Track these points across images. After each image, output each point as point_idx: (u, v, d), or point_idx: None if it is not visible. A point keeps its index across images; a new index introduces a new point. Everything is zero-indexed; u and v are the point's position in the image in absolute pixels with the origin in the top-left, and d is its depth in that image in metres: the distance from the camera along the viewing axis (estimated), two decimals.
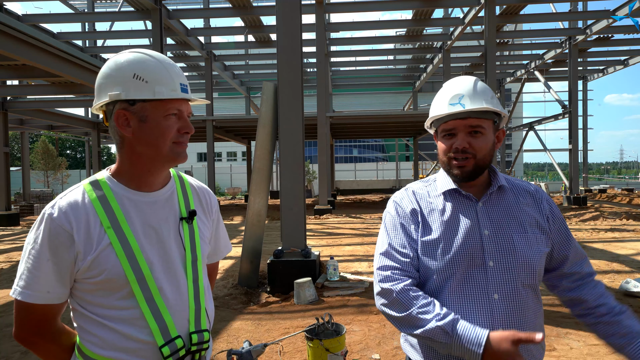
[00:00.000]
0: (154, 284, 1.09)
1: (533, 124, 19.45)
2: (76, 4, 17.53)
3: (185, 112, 1.14)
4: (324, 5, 13.16)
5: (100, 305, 1.07)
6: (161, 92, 1.08)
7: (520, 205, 1.27)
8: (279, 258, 5.13)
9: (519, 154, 22.45)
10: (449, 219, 1.25)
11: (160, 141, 1.10)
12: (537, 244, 1.23)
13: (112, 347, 1.07)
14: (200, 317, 1.16)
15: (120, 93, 1.07)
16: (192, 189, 1.28)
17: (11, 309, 4.77)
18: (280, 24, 5.36)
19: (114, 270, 1.05)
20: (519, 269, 1.20)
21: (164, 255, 1.13)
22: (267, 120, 5.54)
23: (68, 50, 7.46)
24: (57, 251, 1.04)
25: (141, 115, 1.09)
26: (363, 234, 9.77)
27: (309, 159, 31.70)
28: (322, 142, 13.73)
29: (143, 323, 1.07)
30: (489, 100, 1.23)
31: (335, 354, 2.68)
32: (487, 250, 1.21)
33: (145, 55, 1.12)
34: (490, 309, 1.18)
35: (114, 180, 1.13)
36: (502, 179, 1.30)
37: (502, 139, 1.30)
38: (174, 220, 1.17)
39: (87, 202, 1.08)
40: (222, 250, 1.41)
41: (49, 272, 1.04)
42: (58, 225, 1.04)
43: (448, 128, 1.24)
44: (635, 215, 12.09)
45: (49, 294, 1.05)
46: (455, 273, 1.22)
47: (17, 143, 33.78)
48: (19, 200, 18.62)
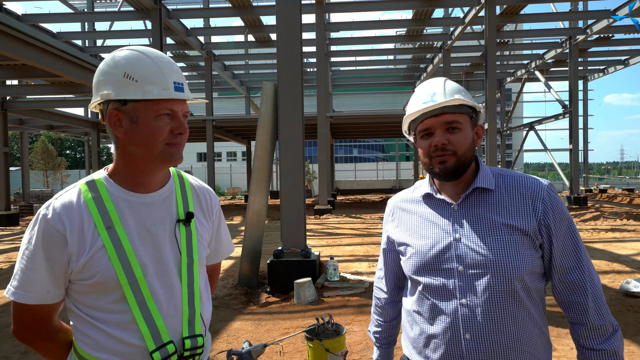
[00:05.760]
0: (146, 287, 1.06)
1: (533, 124, 19.44)
2: (76, 4, 17.52)
3: (180, 112, 1.09)
4: (324, 5, 13.15)
5: (93, 307, 1.06)
6: (151, 92, 1.04)
7: (503, 207, 1.20)
8: (279, 258, 5.12)
9: (519, 153, 22.46)
10: (421, 223, 1.28)
11: (152, 142, 1.06)
12: (516, 248, 1.15)
13: (104, 350, 1.05)
14: (194, 322, 1.13)
15: (110, 93, 1.05)
16: (192, 189, 1.24)
17: (10, 309, 4.76)
18: (280, 23, 5.35)
19: (106, 273, 1.03)
20: (491, 274, 1.14)
21: (158, 258, 1.10)
22: (267, 120, 5.54)
23: (68, 50, 7.45)
24: (51, 252, 1.03)
25: (132, 116, 1.05)
26: (363, 234, 9.77)
27: (309, 159, 31.71)
28: (322, 142, 13.72)
29: (134, 327, 1.05)
30: (461, 94, 1.21)
31: (335, 354, 2.68)
32: (456, 254, 1.19)
33: (139, 53, 1.08)
34: (455, 313, 1.17)
35: (110, 180, 1.11)
36: (486, 179, 1.23)
37: (481, 135, 1.27)
38: (170, 223, 1.14)
39: (82, 202, 1.06)
40: (223, 251, 1.38)
41: (43, 272, 1.03)
42: (52, 227, 1.02)
43: (424, 128, 1.22)
44: (636, 215, 12.08)
45: (42, 295, 1.04)
46: (423, 277, 1.23)
47: (16, 143, 33.80)
48: (19, 200, 18.62)
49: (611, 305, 4.39)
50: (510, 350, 1.15)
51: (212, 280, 1.41)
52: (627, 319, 4.05)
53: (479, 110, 1.25)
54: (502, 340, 1.14)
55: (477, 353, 1.15)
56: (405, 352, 1.35)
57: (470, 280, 1.16)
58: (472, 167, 1.25)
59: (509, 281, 1.14)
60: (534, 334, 1.18)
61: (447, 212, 1.24)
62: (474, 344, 1.15)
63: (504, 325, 1.14)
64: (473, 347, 1.15)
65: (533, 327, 1.18)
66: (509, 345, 1.15)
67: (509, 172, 1.28)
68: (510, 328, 1.15)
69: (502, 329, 1.14)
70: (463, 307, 1.16)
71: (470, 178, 1.25)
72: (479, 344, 1.14)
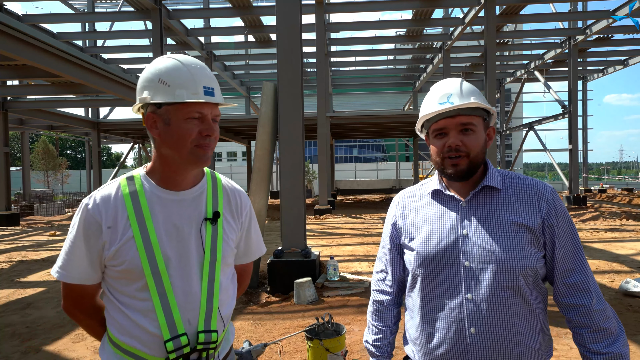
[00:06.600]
0: (167, 279, 1.14)
1: (533, 124, 19.45)
2: (76, 4, 17.55)
3: (210, 115, 1.16)
4: (324, 5, 13.16)
5: (123, 292, 1.15)
6: (181, 96, 1.11)
7: (510, 205, 1.23)
8: (279, 258, 5.13)
9: (519, 154, 22.46)
10: (429, 218, 1.29)
11: (180, 144, 1.13)
12: (522, 245, 1.18)
13: (127, 334, 1.14)
14: (211, 317, 1.18)
15: (147, 97, 1.14)
16: (223, 190, 1.30)
17: (10, 309, 4.80)
18: (280, 24, 5.36)
19: (133, 262, 1.12)
20: (497, 269, 1.17)
21: (182, 253, 1.17)
22: (267, 120, 5.55)
23: (68, 50, 7.45)
24: (89, 238, 1.14)
25: (165, 118, 1.14)
26: (363, 234, 9.78)
27: (309, 159, 31.72)
28: (322, 142, 13.73)
29: (154, 316, 1.13)
30: (477, 97, 1.23)
31: (335, 354, 2.69)
32: (463, 250, 1.21)
33: (175, 61, 1.16)
34: (460, 308, 1.19)
35: (148, 177, 1.21)
36: (494, 178, 1.26)
37: (493, 137, 1.30)
38: (197, 220, 1.21)
39: (119, 196, 1.17)
40: (254, 252, 1.42)
41: (82, 256, 1.15)
42: (91, 215, 1.14)
43: (439, 127, 1.24)
44: (635, 215, 12.09)
45: (81, 276, 1.16)
46: (428, 271, 1.25)
47: (17, 143, 33.79)
48: (19, 200, 18.62)
49: (611, 305, 4.40)
50: (514, 345, 1.17)
51: (242, 279, 1.44)
52: (627, 319, 4.06)
53: (492, 113, 1.28)
54: (506, 334, 1.17)
55: (482, 347, 1.17)
56: (407, 349, 1.36)
57: (476, 276, 1.19)
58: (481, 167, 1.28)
59: (514, 277, 1.17)
60: (537, 328, 1.21)
61: (456, 208, 1.26)
62: (478, 338, 1.17)
63: (508, 320, 1.17)
64: (477, 341, 1.17)
65: (536, 322, 1.21)
66: (513, 340, 1.17)
67: (514, 173, 1.31)
68: (514, 323, 1.17)
69: (506, 323, 1.17)
70: (468, 301, 1.18)
71: (478, 177, 1.28)
72: (483, 338, 1.17)
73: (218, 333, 1.19)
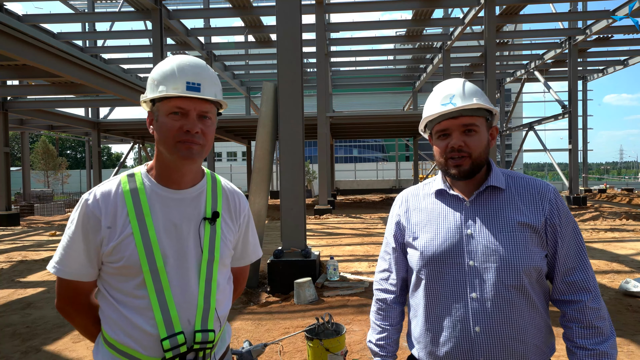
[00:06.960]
0: (165, 277, 1.13)
1: (533, 124, 19.44)
2: (76, 4, 17.54)
3: (194, 110, 1.14)
4: (324, 5, 13.17)
5: (119, 290, 1.15)
6: (162, 90, 1.13)
7: (513, 204, 1.23)
8: (279, 258, 5.13)
9: (518, 153, 22.45)
10: (433, 218, 1.30)
11: (165, 140, 1.14)
12: (526, 244, 1.19)
13: (121, 333, 1.13)
14: (208, 316, 1.17)
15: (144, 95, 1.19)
16: (223, 191, 1.31)
17: (11, 309, 4.80)
18: (280, 24, 5.36)
19: (131, 259, 1.12)
20: (501, 269, 1.18)
21: (180, 252, 1.17)
22: (267, 120, 5.55)
23: (68, 51, 7.45)
24: (88, 234, 1.14)
25: (156, 115, 1.17)
26: (363, 234, 9.77)
27: (309, 159, 31.71)
28: (322, 142, 13.73)
29: (150, 314, 1.12)
30: (479, 98, 1.24)
31: (335, 354, 2.69)
32: (467, 249, 1.22)
33: (170, 60, 1.18)
34: (465, 307, 1.20)
35: (148, 175, 1.21)
36: (498, 178, 1.26)
37: (495, 137, 1.31)
38: (196, 220, 1.21)
39: (119, 192, 1.17)
40: (250, 255, 1.42)
41: (80, 251, 1.14)
42: (90, 211, 1.14)
43: (442, 128, 1.25)
44: (635, 215, 12.09)
45: (78, 271, 1.15)
46: (433, 271, 1.25)
47: (17, 143, 33.77)
48: (19, 200, 18.61)
49: (610, 305, 4.40)
50: (518, 343, 1.18)
51: (238, 282, 1.44)
52: (626, 319, 4.06)
53: (494, 113, 1.29)
54: (511, 332, 1.18)
55: (487, 345, 1.18)
56: (411, 349, 1.36)
57: (481, 275, 1.20)
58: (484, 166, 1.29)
59: (518, 276, 1.18)
60: (540, 326, 1.23)
61: (460, 208, 1.27)
62: (483, 336, 1.18)
63: (513, 318, 1.18)
64: (482, 339, 1.18)
65: (539, 320, 1.23)
66: (517, 338, 1.18)
67: (517, 173, 1.32)
68: (519, 321, 1.19)
69: (511, 322, 1.18)
70: (473, 301, 1.19)
71: (482, 177, 1.29)
72: (488, 336, 1.18)
73: (215, 333, 1.18)
